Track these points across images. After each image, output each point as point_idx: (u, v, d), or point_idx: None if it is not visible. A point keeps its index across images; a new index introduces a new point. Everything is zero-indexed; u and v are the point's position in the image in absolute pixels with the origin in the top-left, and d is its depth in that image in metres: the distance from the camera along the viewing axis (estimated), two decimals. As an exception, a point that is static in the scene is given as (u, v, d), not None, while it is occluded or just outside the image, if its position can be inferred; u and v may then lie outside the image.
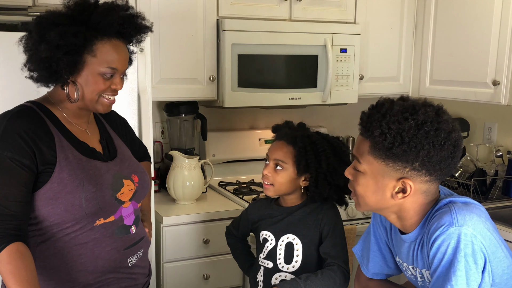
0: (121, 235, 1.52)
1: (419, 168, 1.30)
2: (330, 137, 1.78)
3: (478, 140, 3.12)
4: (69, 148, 1.46)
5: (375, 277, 1.62)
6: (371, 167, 1.34)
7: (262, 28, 2.66)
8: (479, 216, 1.30)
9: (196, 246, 2.42)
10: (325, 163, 1.69)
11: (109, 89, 1.49)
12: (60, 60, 1.39)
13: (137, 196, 1.60)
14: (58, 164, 1.42)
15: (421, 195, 1.35)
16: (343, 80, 2.88)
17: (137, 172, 1.61)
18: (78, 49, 1.40)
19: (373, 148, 1.32)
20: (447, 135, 1.29)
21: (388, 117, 1.28)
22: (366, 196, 1.39)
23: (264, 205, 1.86)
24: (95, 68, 1.44)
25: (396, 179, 1.32)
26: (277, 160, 1.73)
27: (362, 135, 1.36)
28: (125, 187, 1.54)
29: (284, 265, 1.74)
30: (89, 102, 1.48)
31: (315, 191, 1.72)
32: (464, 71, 2.75)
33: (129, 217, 1.55)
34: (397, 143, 1.27)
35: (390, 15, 3.01)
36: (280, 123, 1.85)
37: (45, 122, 1.45)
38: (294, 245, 1.73)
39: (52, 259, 1.46)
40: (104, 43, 1.44)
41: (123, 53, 1.50)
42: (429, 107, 1.31)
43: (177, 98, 2.67)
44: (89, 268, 1.48)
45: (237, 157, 3.07)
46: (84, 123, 1.56)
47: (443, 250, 1.27)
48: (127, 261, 1.55)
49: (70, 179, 1.42)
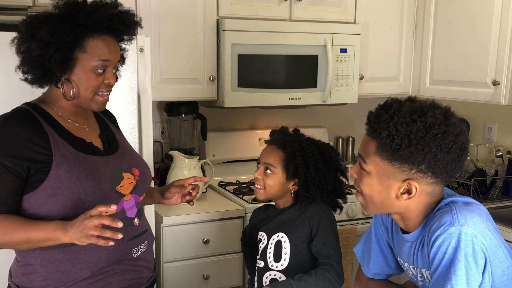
0: (125, 227, 1.52)
1: (425, 170, 1.29)
2: (320, 143, 1.81)
3: (478, 140, 3.12)
4: (64, 145, 1.47)
5: (376, 277, 1.62)
6: (377, 168, 1.34)
7: (262, 28, 2.66)
8: (480, 216, 1.30)
9: (196, 246, 2.42)
10: (313, 168, 1.72)
11: (102, 84, 1.51)
12: (52, 57, 1.42)
13: (138, 189, 1.61)
14: (54, 161, 1.44)
15: (426, 196, 1.35)
16: (343, 80, 2.88)
17: (138, 166, 1.63)
18: (69, 46, 1.43)
19: (379, 149, 1.31)
20: (455, 138, 1.29)
21: (396, 119, 1.28)
22: (371, 196, 1.38)
23: (263, 210, 1.90)
24: (86, 63, 1.46)
25: (402, 180, 1.32)
26: (267, 164, 1.77)
27: (369, 135, 1.36)
28: (125, 180, 1.56)
29: (273, 264, 1.76)
30: (84, 100, 1.50)
31: (305, 196, 1.74)
32: (464, 71, 2.75)
33: (131, 210, 1.57)
34: (405, 145, 1.27)
35: (390, 15, 3.01)
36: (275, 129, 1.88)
37: (40, 123, 1.47)
38: (283, 243, 1.75)
39: (56, 251, 1.48)
40: (94, 39, 1.47)
41: (114, 47, 1.52)
42: (437, 109, 1.31)
43: (177, 98, 2.67)
44: (94, 259, 1.49)
45: (237, 157, 3.07)
46: (81, 119, 1.58)
47: (443, 249, 1.27)
48: (132, 252, 1.57)
49: (67, 175, 1.44)
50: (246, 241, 2.00)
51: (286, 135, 1.82)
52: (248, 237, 1.97)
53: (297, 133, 1.84)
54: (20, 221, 1.41)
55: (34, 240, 1.40)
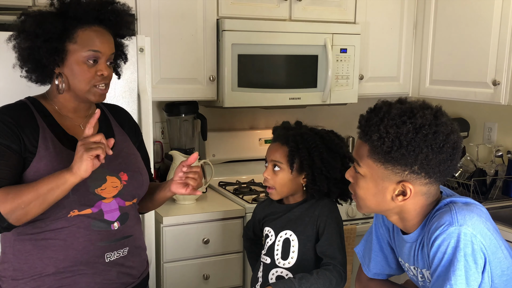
0: (99, 229, 1.51)
1: (418, 171, 1.29)
2: (322, 132, 1.79)
3: (478, 140, 3.12)
4: (52, 140, 1.48)
5: (376, 277, 1.62)
6: (371, 171, 1.34)
7: (262, 28, 2.66)
8: (480, 216, 1.30)
9: (196, 246, 2.42)
10: (318, 159, 1.71)
11: (96, 77, 1.49)
12: (40, 48, 1.43)
13: (125, 194, 1.57)
14: (37, 154, 1.45)
15: (422, 197, 1.35)
16: (343, 80, 2.88)
17: (128, 171, 1.59)
18: (57, 37, 1.44)
19: (372, 152, 1.32)
20: (446, 137, 1.29)
21: (386, 121, 1.28)
22: (366, 199, 1.39)
23: (268, 204, 1.89)
24: (78, 55, 1.46)
25: (396, 182, 1.32)
26: (274, 161, 1.76)
27: (360, 138, 1.36)
28: (108, 183, 1.53)
29: (280, 261, 1.75)
30: (80, 92, 1.50)
31: (313, 188, 1.73)
32: (464, 71, 2.75)
33: (111, 213, 1.54)
34: (396, 147, 1.27)
35: (390, 15, 3.01)
36: (277, 125, 1.87)
37: (34, 116, 1.49)
38: (291, 241, 1.75)
39: (26, 243, 1.48)
40: (84, 30, 1.47)
41: (105, 38, 1.50)
42: (427, 110, 1.31)
43: (177, 98, 2.67)
44: (60, 256, 1.48)
45: (237, 157, 3.07)
46: (80, 117, 1.57)
47: (443, 249, 1.27)
48: (104, 256, 1.53)
49: (45, 169, 1.44)
50: (250, 238, 1.98)
51: (288, 129, 1.80)
52: (252, 232, 1.96)
53: (299, 125, 1.83)
54: (24, 184, 1.42)
55: (43, 192, 1.38)
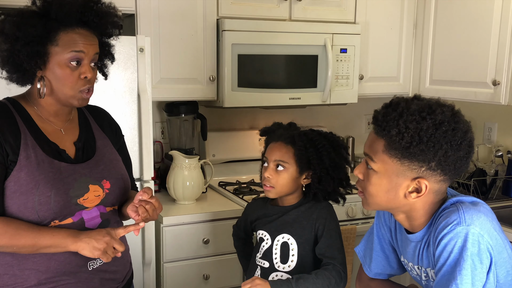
0: None
1: (435, 167, 1.29)
2: (325, 133, 1.80)
3: (478, 140, 3.12)
4: (33, 147, 1.43)
5: (377, 277, 1.62)
6: (386, 166, 1.33)
7: (262, 28, 2.66)
8: (487, 215, 1.30)
9: (196, 246, 2.42)
10: (327, 158, 1.71)
11: (80, 81, 1.45)
12: (20, 52, 1.39)
13: (106, 201, 1.54)
14: (18, 162, 1.40)
15: (433, 195, 1.35)
16: (343, 80, 2.88)
17: (110, 178, 1.55)
18: (38, 40, 1.40)
19: (388, 147, 1.31)
20: (464, 134, 1.29)
21: (405, 116, 1.27)
22: (378, 196, 1.37)
23: (260, 205, 1.87)
24: (60, 57, 1.42)
25: (411, 179, 1.32)
26: (278, 161, 1.73)
27: (376, 133, 1.34)
28: (91, 193, 1.49)
29: (280, 265, 1.75)
30: (63, 96, 1.46)
31: (318, 188, 1.72)
32: (464, 71, 2.75)
33: (92, 221, 1.50)
34: (415, 142, 1.26)
35: (390, 15, 3.01)
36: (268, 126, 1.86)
37: (15, 119, 1.44)
38: (290, 245, 1.74)
39: (6, 254, 1.44)
40: (67, 32, 1.42)
41: (88, 39, 1.45)
42: (444, 107, 1.31)
43: (177, 98, 2.67)
44: (42, 268, 1.44)
45: (237, 157, 3.07)
46: (60, 121, 1.53)
47: (449, 248, 1.27)
48: (87, 265, 1.50)
49: (26, 179, 1.40)
50: (241, 238, 1.97)
51: (289, 129, 1.80)
52: (243, 232, 1.94)
53: (295, 127, 1.84)
54: (25, 225, 1.39)
55: (40, 245, 1.38)
